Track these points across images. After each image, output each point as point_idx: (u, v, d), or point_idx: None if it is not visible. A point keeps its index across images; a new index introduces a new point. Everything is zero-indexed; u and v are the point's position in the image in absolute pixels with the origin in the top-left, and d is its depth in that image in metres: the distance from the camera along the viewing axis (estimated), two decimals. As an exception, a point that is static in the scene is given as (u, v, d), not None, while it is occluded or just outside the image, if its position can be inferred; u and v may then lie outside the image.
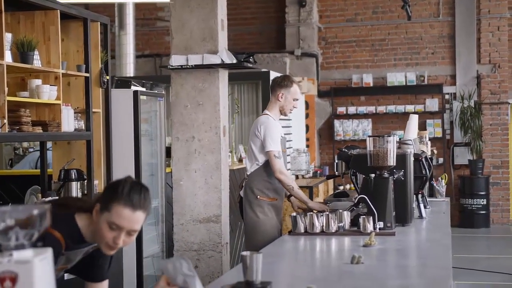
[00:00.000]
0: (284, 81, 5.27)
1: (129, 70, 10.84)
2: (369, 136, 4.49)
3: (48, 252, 1.81)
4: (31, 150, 9.14)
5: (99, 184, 5.79)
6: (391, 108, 12.61)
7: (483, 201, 12.11)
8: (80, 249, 2.71)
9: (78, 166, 5.57)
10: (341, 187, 11.94)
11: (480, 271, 8.62)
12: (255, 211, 5.15)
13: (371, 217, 4.21)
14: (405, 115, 12.41)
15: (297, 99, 5.29)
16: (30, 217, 1.78)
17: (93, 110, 5.68)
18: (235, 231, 7.43)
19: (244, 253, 2.73)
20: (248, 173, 5.26)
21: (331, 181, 11.14)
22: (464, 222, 12.17)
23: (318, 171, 11.10)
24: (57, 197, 5.09)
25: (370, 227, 4.18)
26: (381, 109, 12.64)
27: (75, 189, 5.38)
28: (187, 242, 5.68)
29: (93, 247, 2.75)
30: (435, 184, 6.39)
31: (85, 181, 5.52)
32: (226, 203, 5.81)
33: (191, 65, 5.63)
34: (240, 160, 8.18)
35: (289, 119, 10.30)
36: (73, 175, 5.38)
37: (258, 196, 5.16)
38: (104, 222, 2.57)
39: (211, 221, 5.71)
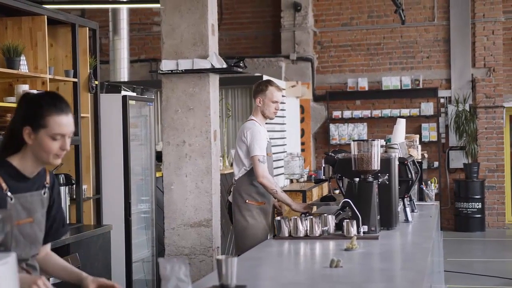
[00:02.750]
0: (260, 86, 5.38)
1: (123, 75, 10.86)
2: (354, 140, 4.51)
3: (11, 257, 1.83)
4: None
5: (87, 189, 5.81)
6: (387, 112, 12.63)
7: (478, 205, 12.11)
8: (29, 192, 2.71)
9: (67, 171, 5.58)
10: (337, 191, 11.94)
11: (474, 275, 8.63)
12: (244, 216, 5.22)
13: (355, 221, 4.23)
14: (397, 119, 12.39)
15: (276, 101, 5.35)
16: (-9, 221, 1.80)
17: (82, 115, 5.70)
18: (226, 235, 7.45)
19: (219, 257, 2.75)
20: (236, 178, 5.35)
21: (325, 185, 11.15)
22: (459, 226, 12.18)
23: (313, 175, 11.11)
24: None
25: (353, 231, 4.19)
26: (377, 113, 12.65)
27: (64, 194, 5.39)
28: (178, 246, 5.69)
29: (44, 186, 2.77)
30: (424, 188, 6.40)
31: (74, 185, 5.54)
32: (217, 208, 5.82)
33: (181, 70, 5.64)
34: (232, 165, 8.19)
35: (283, 123, 10.33)
36: (62, 180, 5.39)
37: (247, 201, 5.24)
38: (45, 138, 2.64)
39: (202, 225, 5.72)
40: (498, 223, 12.46)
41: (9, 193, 2.64)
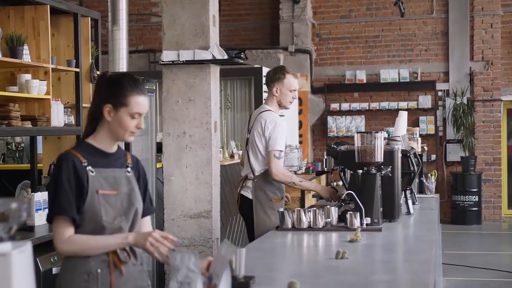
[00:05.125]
0: (276, 74, 5.11)
1: (122, 65, 10.77)
2: (357, 132, 4.51)
3: (27, 245, 1.83)
4: (23, 145, 9.13)
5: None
6: (384, 104, 12.64)
7: (475, 198, 12.15)
8: (110, 168, 2.86)
9: (68, 161, 5.56)
10: (334, 183, 11.98)
11: (471, 268, 8.66)
12: (268, 213, 5.01)
13: (358, 213, 4.23)
14: (398, 111, 12.40)
15: (294, 90, 5.11)
16: (8, 210, 1.80)
17: (84, 105, 5.68)
18: (226, 227, 7.45)
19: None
20: (256, 174, 5.08)
21: (323, 177, 11.17)
22: (456, 219, 12.21)
23: (311, 167, 11.13)
24: None
25: (357, 222, 4.20)
26: (374, 105, 12.67)
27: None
28: (178, 237, 5.64)
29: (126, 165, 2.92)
30: (424, 181, 6.41)
31: (75, 176, 5.52)
32: (217, 199, 5.82)
33: (182, 61, 5.62)
34: (232, 156, 8.19)
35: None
36: (63, 170, 5.37)
37: (272, 199, 5.05)
38: (125, 116, 2.80)
39: (202, 216, 5.72)
40: (495, 216, 12.51)
41: (89, 167, 2.79)
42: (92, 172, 2.79)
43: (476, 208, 12.19)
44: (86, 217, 2.77)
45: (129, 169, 2.92)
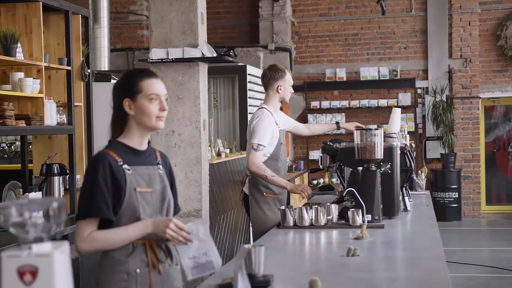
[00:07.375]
0: (278, 73, 5.25)
1: (104, 64, 10.73)
2: (357, 129, 4.51)
3: (66, 246, 1.79)
4: (3, 145, 9.02)
5: (81, 179, 5.72)
6: (364, 102, 12.68)
7: (454, 195, 12.25)
8: (144, 166, 2.84)
9: (60, 161, 5.50)
10: (315, 181, 12.00)
11: (452, 263, 8.72)
12: (263, 209, 5.09)
13: (360, 210, 4.23)
14: (378, 109, 12.51)
15: (292, 84, 5.35)
16: (49, 210, 1.76)
17: (75, 103, 5.61)
18: (214, 226, 7.41)
19: (246, 246, 2.72)
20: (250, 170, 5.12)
21: (306, 175, 11.19)
22: (436, 215, 12.23)
23: (293, 166, 11.15)
24: None
25: (359, 220, 4.20)
26: (355, 103, 12.70)
27: (57, 184, 5.31)
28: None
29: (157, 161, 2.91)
30: (415, 178, 6.44)
31: (67, 175, 5.46)
32: (206, 198, 5.80)
33: (172, 59, 5.59)
34: (219, 155, 8.15)
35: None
36: (56, 170, 5.31)
37: (264, 193, 5.11)
38: (144, 101, 2.80)
39: (192, 215, 5.70)
40: (474, 213, 12.62)
41: (125, 165, 2.78)
42: (129, 170, 2.78)
43: (456, 205, 12.29)
44: (124, 215, 2.75)
45: (160, 166, 2.91)
